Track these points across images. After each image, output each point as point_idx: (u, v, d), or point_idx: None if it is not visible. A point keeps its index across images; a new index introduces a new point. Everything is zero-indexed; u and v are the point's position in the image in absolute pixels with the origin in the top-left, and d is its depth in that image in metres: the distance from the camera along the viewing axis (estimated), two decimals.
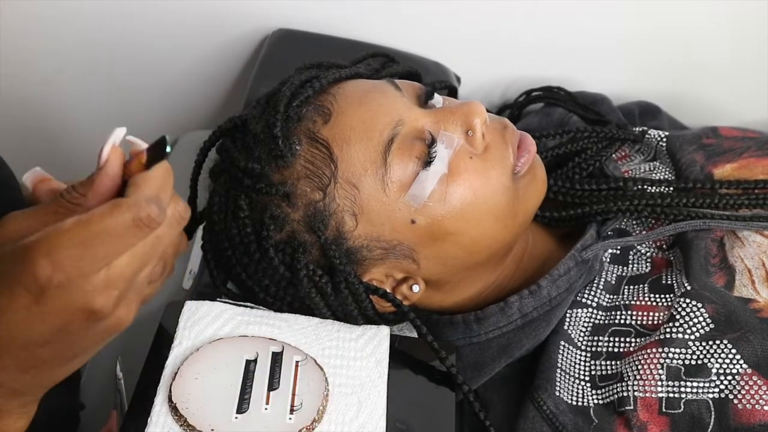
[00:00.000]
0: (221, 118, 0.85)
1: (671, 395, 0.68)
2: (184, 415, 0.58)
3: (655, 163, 0.88)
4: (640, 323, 0.74)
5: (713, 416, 0.66)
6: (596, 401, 0.70)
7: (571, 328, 0.75)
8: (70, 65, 1.14)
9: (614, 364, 0.72)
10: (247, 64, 1.15)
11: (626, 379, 0.69)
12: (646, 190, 0.83)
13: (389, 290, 0.71)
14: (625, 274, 0.79)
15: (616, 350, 0.73)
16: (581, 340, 0.74)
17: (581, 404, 0.71)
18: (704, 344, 0.69)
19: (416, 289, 0.72)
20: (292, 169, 0.68)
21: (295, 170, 0.68)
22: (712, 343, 0.69)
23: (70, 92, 1.18)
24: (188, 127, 1.20)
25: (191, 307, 0.68)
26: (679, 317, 0.71)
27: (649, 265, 0.79)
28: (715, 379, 0.67)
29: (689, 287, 0.73)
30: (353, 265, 0.69)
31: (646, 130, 0.90)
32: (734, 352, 0.68)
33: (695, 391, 0.67)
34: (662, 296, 0.75)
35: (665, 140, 0.88)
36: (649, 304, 0.75)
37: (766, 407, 0.65)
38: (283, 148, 0.67)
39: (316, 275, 0.68)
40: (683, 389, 0.68)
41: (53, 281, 0.44)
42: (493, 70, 1.13)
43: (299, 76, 0.72)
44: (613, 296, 0.77)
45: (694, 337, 0.69)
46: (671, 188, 0.83)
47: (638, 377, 0.69)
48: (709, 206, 0.80)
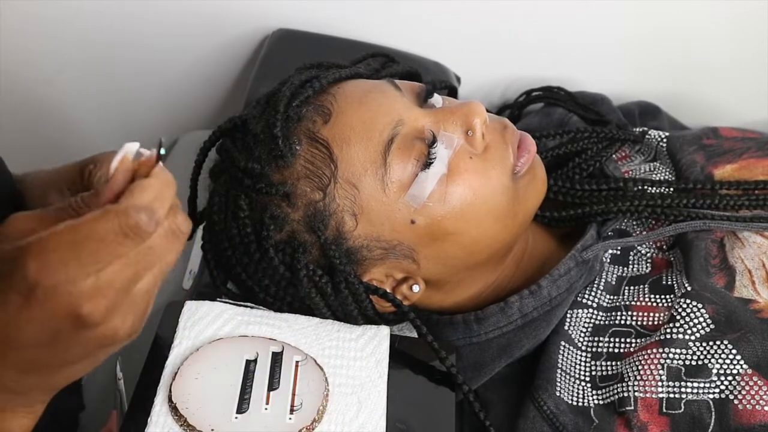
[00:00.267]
0: (221, 118, 0.85)
1: (672, 396, 0.68)
2: (184, 415, 0.58)
3: (655, 163, 0.88)
4: (640, 324, 0.74)
5: (714, 417, 0.66)
6: (597, 401, 0.70)
7: (571, 328, 0.75)
8: (70, 65, 1.14)
9: (615, 364, 0.72)
10: (247, 64, 1.14)
11: (627, 379, 0.69)
12: (646, 190, 0.83)
13: (389, 290, 0.71)
14: (625, 274, 0.79)
15: (616, 351, 0.73)
16: (582, 340, 0.74)
17: (582, 404, 0.71)
18: (704, 345, 0.69)
19: (416, 289, 0.72)
20: (292, 169, 0.68)
21: (295, 170, 0.68)
22: (712, 343, 0.69)
23: (70, 92, 1.18)
24: (188, 127, 1.20)
25: (191, 307, 0.67)
26: (679, 318, 0.71)
27: (649, 265, 0.79)
28: (715, 379, 0.67)
29: (689, 288, 0.73)
30: (353, 265, 0.69)
31: (646, 130, 0.90)
32: (734, 352, 0.68)
33: (696, 391, 0.67)
34: (662, 297, 0.75)
35: (665, 141, 0.88)
36: (649, 304, 0.75)
37: (766, 407, 0.65)
38: (283, 148, 0.67)
39: (316, 275, 0.68)
40: (684, 390, 0.68)
41: (40, 284, 0.44)
42: (493, 70, 1.13)
43: (299, 76, 0.72)
44: (613, 297, 0.77)
45: (694, 337, 0.69)
46: (671, 189, 0.83)
47: (639, 378, 0.69)
48: (709, 207, 0.80)
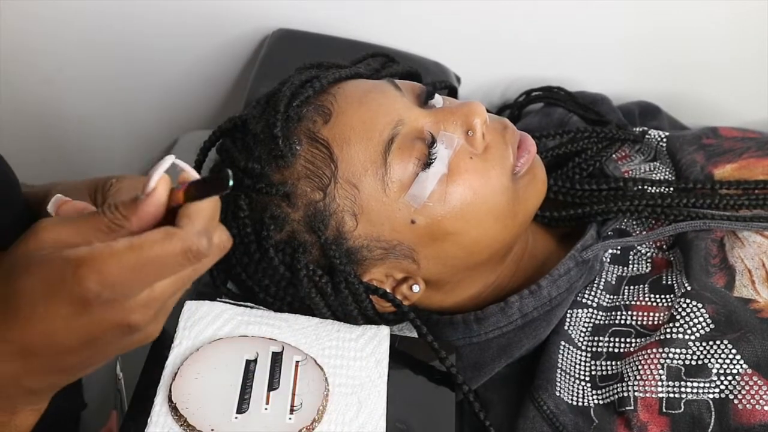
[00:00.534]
0: (221, 118, 0.85)
1: (671, 395, 0.68)
2: (184, 415, 0.58)
3: (655, 163, 0.88)
4: (640, 323, 0.74)
5: (713, 416, 0.66)
6: (596, 401, 0.70)
7: (571, 328, 0.75)
8: (70, 65, 1.14)
9: (614, 364, 0.72)
10: (247, 64, 1.14)
11: (626, 379, 0.69)
12: (646, 190, 0.83)
13: (389, 290, 0.71)
14: (625, 274, 0.79)
15: (616, 350, 0.73)
16: (581, 340, 0.74)
17: (581, 404, 0.71)
18: (704, 344, 0.69)
19: (416, 289, 0.72)
20: (292, 169, 0.68)
21: (295, 170, 0.68)
22: (712, 343, 0.69)
23: (70, 92, 1.18)
24: (188, 127, 1.20)
25: (191, 307, 0.67)
26: (679, 317, 0.71)
27: (649, 265, 0.79)
28: (715, 379, 0.67)
29: (689, 287, 0.73)
30: (353, 265, 0.69)
31: (646, 130, 0.90)
32: (734, 352, 0.68)
33: (695, 391, 0.67)
34: (662, 296, 0.75)
35: (665, 140, 0.88)
36: (649, 304, 0.75)
37: (766, 407, 0.65)
38: (283, 148, 0.67)
39: (316, 275, 0.68)
40: (683, 389, 0.68)
41: (100, 298, 0.45)
42: (493, 70, 1.13)
43: (299, 76, 0.71)
44: (613, 296, 0.77)
45: (694, 337, 0.69)
46: (671, 188, 0.83)
47: (638, 377, 0.69)
48: (709, 206, 0.80)
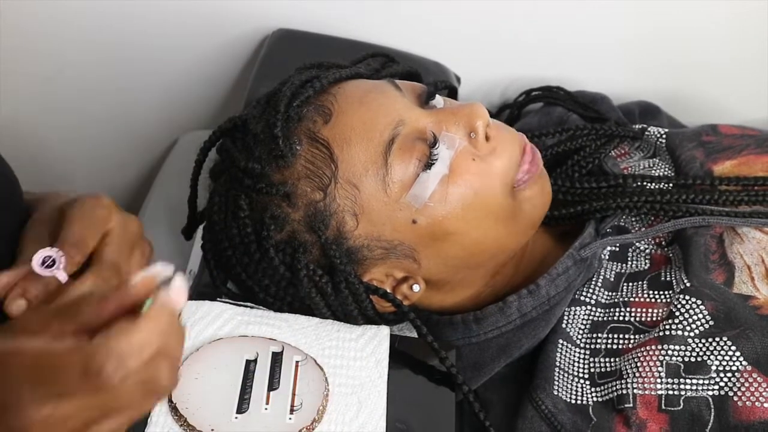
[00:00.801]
0: (221, 118, 0.85)
1: (671, 392, 0.68)
2: (184, 415, 0.58)
3: (654, 160, 0.88)
4: (639, 320, 0.73)
5: (713, 413, 0.66)
6: (595, 399, 0.70)
7: (569, 325, 0.75)
8: (70, 65, 1.14)
9: (613, 361, 0.72)
10: (247, 64, 1.14)
11: (625, 376, 0.69)
12: (645, 186, 0.83)
13: (389, 290, 0.71)
14: (624, 271, 0.79)
15: (615, 347, 0.73)
16: (580, 337, 0.74)
17: (580, 403, 0.70)
18: (704, 341, 0.69)
19: (416, 288, 0.72)
20: (292, 169, 0.68)
21: (295, 170, 0.68)
22: (711, 340, 0.69)
23: (70, 92, 1.17)
24: (188, 127, 1.20)
25: (191, 307, 0.68)
26: (678, 314, 0.71)
27: (648, 262, 0.79)
28: (714, 376, 0.67)
29: (688, 284, 0.73)
30: (353, 264, 0.69)
31: (645, 127, 0.90)
32: (734, 349, 0.68)
33: (695, 388, 0.67)
34: (661, 293, 0.75)
35: (665, 137, 0.88)
36: (648, 301, 0.75)
37: (765, 404, 0.65)
38: (283, 148, 0.67)
39: (316, 275, 0.68)
40: (683, 386, 0.68)
41: None
42: (493, 70, 1.13)
43: (299, 76, 0.72)
44: (611, 293, 0.77)
45: (693, 334, 0.69)
46: (671, 185, 0.83)
47: (637, 374, 0.69)
48: (708, 203, 0.80)
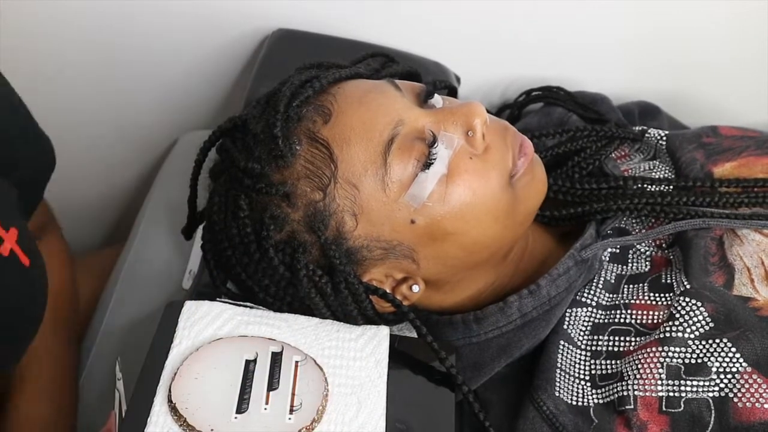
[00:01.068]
0: (221, 118, 0.85)
1: (671, 394, 0.68)
2: (183, 415, 0.59)
3: (654, 162, 0.88)
4: (639, 322, 0.74)
5: (713, 415, 0.66)
6: (596, 401, 0.70)
7: (570, 327, 0.75)
8: (70, 65, 1.14)
9: (614, 363, 0.72)
10: (247, 64, 1.14)
11: (626, 378, 0.69)
12: (645, 188, 0.83)
13: (389, 290, 0.71)
14: (624, 273, 0.79)
15: (615, 349, 0.73)
16: (581, 339, 0.74)
17: (581, 404, 0.71)
18: (704, 343, 0.69)
19: (416, 289, 0.72)
20: (292, 169, 0.68)
21: (295, 170, 0.68)
22: (711, 341, 0.69)
23: (70, 92, 1.17)
24: (188, 127, 1.20)
25: (191, 307, 0.68)
26: (678, 316, 0.71)
27: (648, 264, 0.79)
28: (714, 377, 0.67)
29: (688, 286, 0.73)
30: (353, 265, 0.69)
31: (645, 129, 0.90)
32: (734, 350, 0.68)
33: (695, 389, 0.67)
34: (662, 295, 0.75)
35: (665, 139, 0.88)
36: (648, 303, 0.75)
37: (766, 405, 0.65)
38: (283, 148, 0.67)
39: (315, 275, 0.68)
40: (683, 388, 0.68)
41: None
42: (493, 70, 1.13)
43: (299, 76, 0.72)
44: (612, 295, 0.77)
45: (693, 335, 0.69)
46: (671, 187, 0.83)
47: (638, 376, 0.69)
48: (708, 205, 0.80)
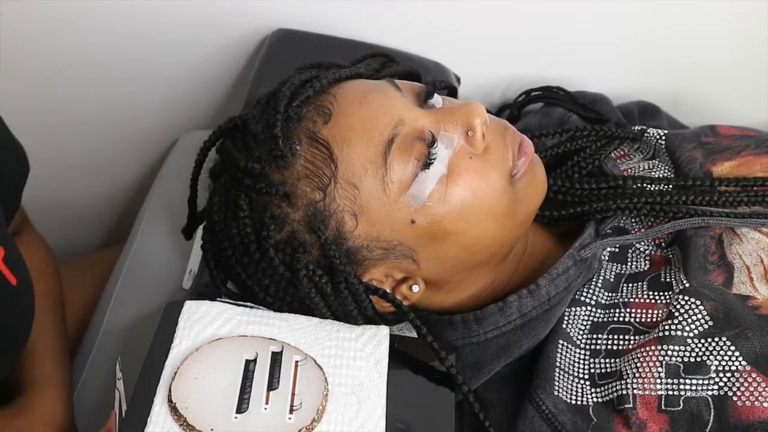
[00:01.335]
0: (221, 118, 0.85)
1: (670, 393, 0.68)
2: (183, 414, 0.59)
3: (654, 161, 0.88)
4: (638, 321, 0.74)
5: (713, 413, 0.66)
6: (595, 399, 0.70)
7: (569, 326, 0.75)
8: (70, 65, 1.14)
9: (613, 361, 0.72)
10: (247, 64, 1.14)
11: (625, 377, 0.69)
12: (645, 188, 0.83)
13: (389, 290, 0.71)
14: (623, 272, 0.79)
15: (615, 348, 0.73)
16: (580, 338, 0.74)
17: (580, 403, 0.71)
18: (703, 341, 0.69)
19: (416, 289, 0.72)
20: (292, 169, 0.68)
21: (295, 170, 0.68)
22: (710, 340, 0.69)
23: (70, 92, 1.18)
24: (188, 127, 1.20)
25: (191, 306, 0.68)
26: (677, 315, 0.71)
27: (647, 262, 0.79)
28: (714, 376, 0.67)
29: (688, 285, 0.73)
30: (353, 265, 0.69)
31: (645, 128, 0.90)
32: (733, 349, 0.68)
33: (694, 388, 0.67)
34: (661, 294, 0.75)
35: (664, 138, 0.88)
36: (647, 301, 0.75)
37: (765, 404, 0.65)
38: (283, 148, 0.67)
39: (316, 275, 0.68)
40: (682, 387, 0.68)
41: None
42: (493, 70, 1.13)
43: (299, 76, 0.72)
44: (611, 294, 0.77)
45: (692, 334, 0.69)
46: (670, 186, 0.83)
47: (637, 375, 0.69)
48: (708, 204, 0.80)
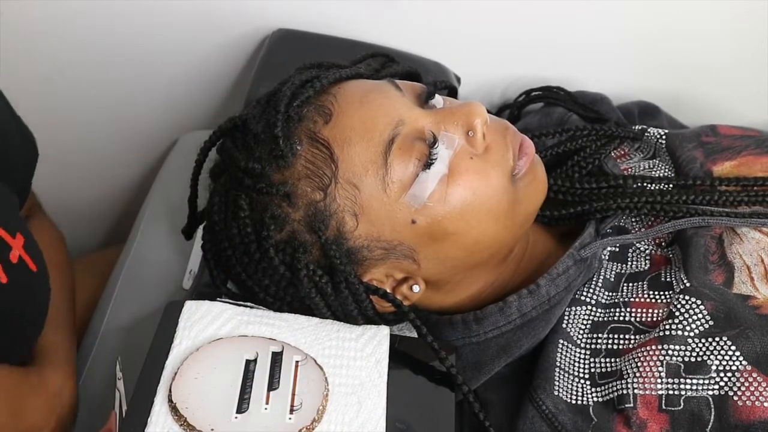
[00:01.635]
0: (221, 118, 0.85)
1: (671, 392, 0.68)
2: (183, 414, 0.59)
3: (654, 160, 0.88)
4: (639, 320, 0.74)
5: (713, 413, 0.66)
6: (596, 399, 0.70)
7: (570, 326, 0.75)
8: (70, 65, 1.14)
9: (614, 361, 0.72)
10: (247, 64, 1.14)
11: (626, 376, 0.69)
12: (645, 187, 0.83)
13: (389, 290, 0.71)
14: (624, 271, 0.79)
15: (615, 347, 0.73)
16: (580, 337, 0.74)
17: (580, 403, 0.71)
18: (703, 341, 0.69)
19: (416, 289, 0.72)
20: (292, 169, 0.68)
21: (295, 170, 0.68)
22: (711, 340, 0.69)
23: (70, 92, 1.18)
24: (188, 127, 1.20)
25: (191, 306, 0.68)
26: (678, 314, 0.71)
27: (648, 262, 0.79)
28: (714, 376, 0.67)
29: (688, 284, 0.73)
30: (353, 265, 0.69)
31: (645, 128, 0.90)
32: (733, 348, 0.68)
33: (695, 388, 0.67)
34: (661, 293, 0.75)
35: (664, 138, 0.88)
36: (648, 301, 0.75)
37: (765, 404, 0.65)
38: (283, 148, 0.67)
39: (316, 275, 0.68)
40: (683, 386, 0.68)
41: None
42: (493, 70, 1.13)
43: (299, 76, 0.72)
44: (612, 293, 0.77)
45: (693, 334, 0.69)
46: (671, 185, 0.83)
47: (638, 374, 0.69)
48: (708, 203, 0.80)
